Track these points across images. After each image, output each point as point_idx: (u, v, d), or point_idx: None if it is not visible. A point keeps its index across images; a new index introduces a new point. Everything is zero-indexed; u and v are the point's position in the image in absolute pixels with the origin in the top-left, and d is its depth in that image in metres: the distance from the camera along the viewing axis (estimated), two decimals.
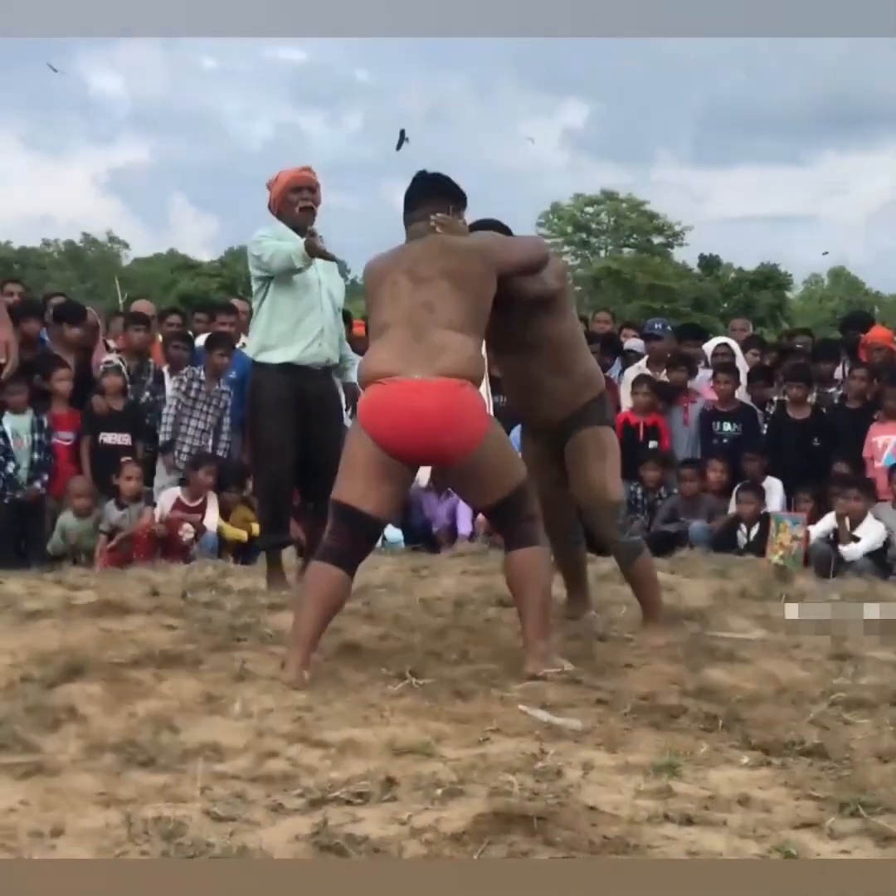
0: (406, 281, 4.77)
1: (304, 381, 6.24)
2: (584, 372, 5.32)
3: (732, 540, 8.55)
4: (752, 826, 3.36)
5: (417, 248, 4.87)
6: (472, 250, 4.85)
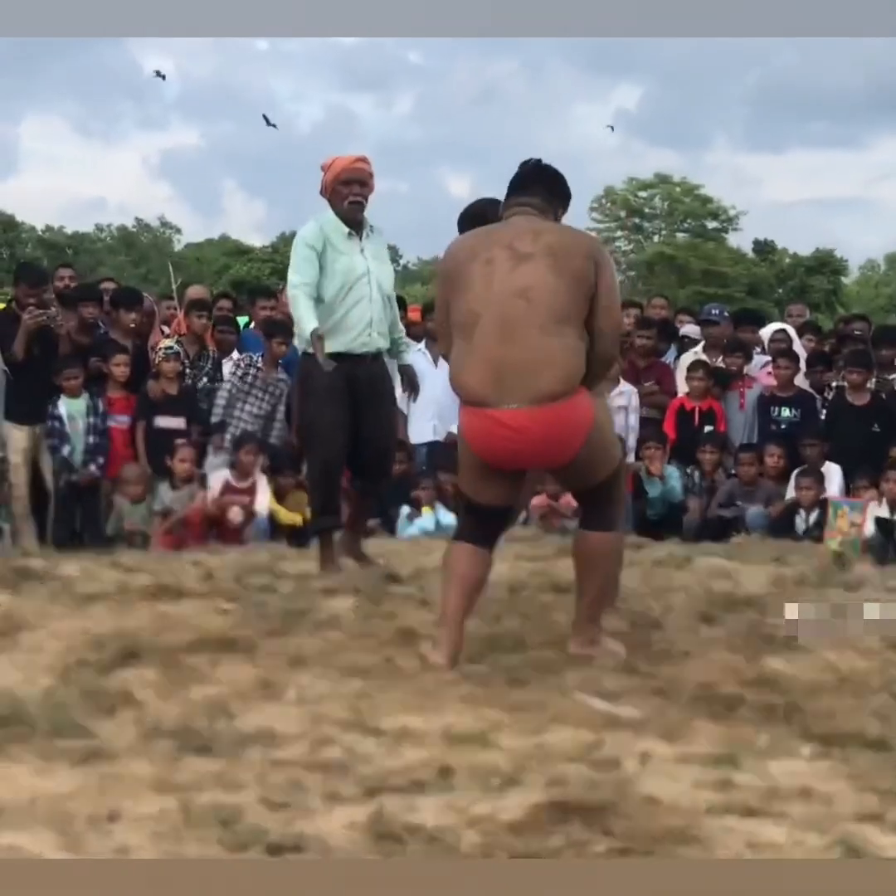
0: (504, 258, 4.45)
1: (355, 369, 6.25)
2: None
3: (790, 526, 8.48)
4: (813, 818, 3.32)
5: (521, 221, 4.59)
6: (581, 242, 4.62)
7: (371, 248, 6.36)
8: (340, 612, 5.26)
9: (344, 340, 6.22)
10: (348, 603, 5.45)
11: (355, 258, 6.27)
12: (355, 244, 6.30)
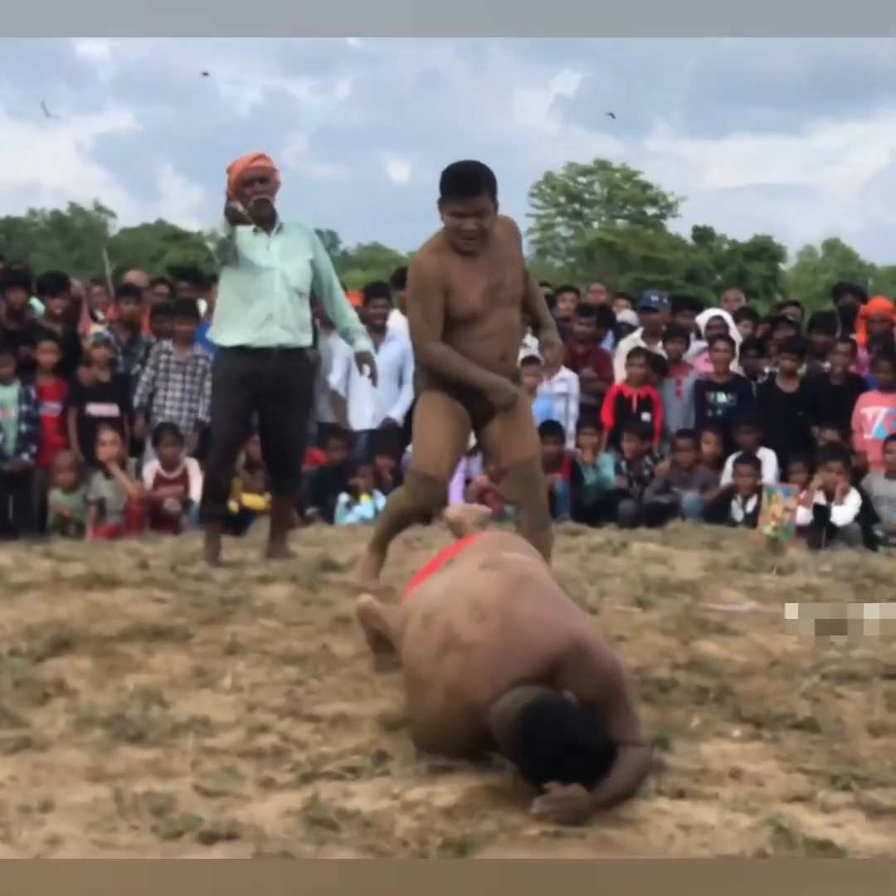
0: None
1: (260, 364, 6.23)
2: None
3: (725, 511, 8.54)
4: (743, 799, 3.36)
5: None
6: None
7: (280, 243, 6.33)
8: (276, 600, 5.25)
9: (243, 334, 6.24)
10: (284, 591, 5.45)
11: (259, 254, 6.26)
12: (262, 240, 6.29)
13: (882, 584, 5.90)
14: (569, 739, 3.23)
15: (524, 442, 5.26)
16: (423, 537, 6.69)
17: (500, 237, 5.12)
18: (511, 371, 5.25)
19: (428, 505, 5.34)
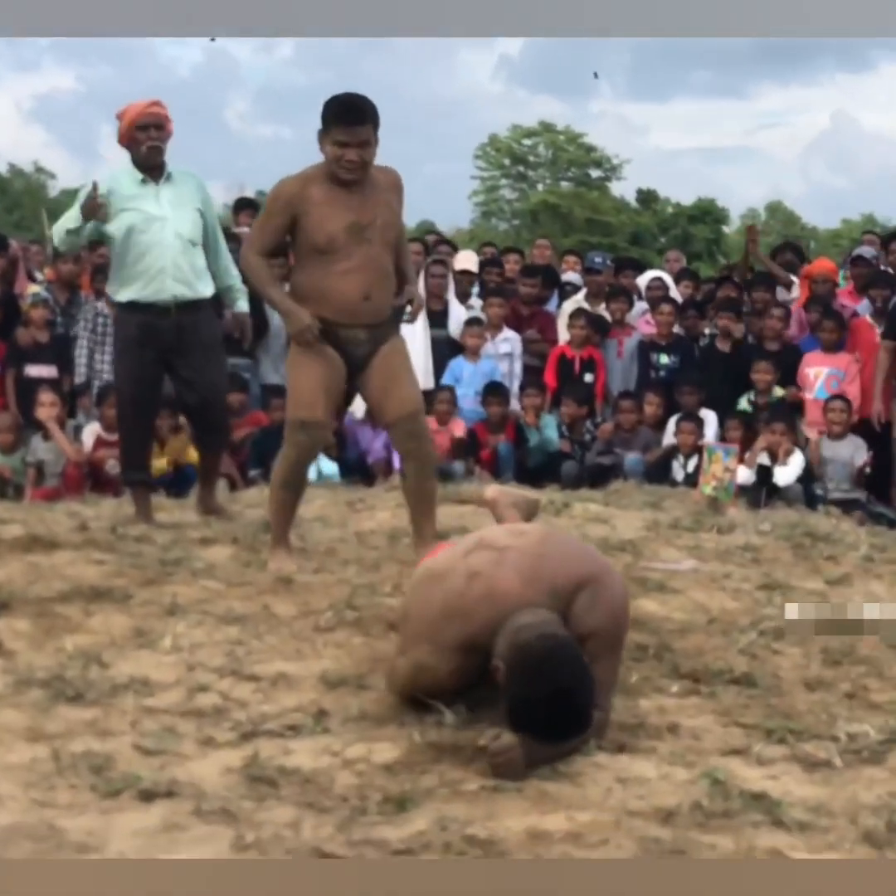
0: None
1: (157, 319, 6.10)
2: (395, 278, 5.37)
3: (667, 472, 8.60)
4: (680, 753, 3.42)
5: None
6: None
7: (170, 193, 6.19)
8: (217, 561, 5.24)
9: (136, 288, 6.10)
10: (225, 552, 5.43)
11: (148, 204, 6.12)
12: (150, 190, 6.15)
13: (820, 542, 5.96)
14: (568, 687, 3.27)
15: (406, 396, 5.28)
16: (366, 499, 6.70)
17: (380, 182, 5.17)
18: (378, 314, 5.22)
19: (311, 452, 5.33)
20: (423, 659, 3.57)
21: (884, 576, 5.44)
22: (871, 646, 4.36)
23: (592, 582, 3.55)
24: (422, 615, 3.65)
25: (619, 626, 3.63)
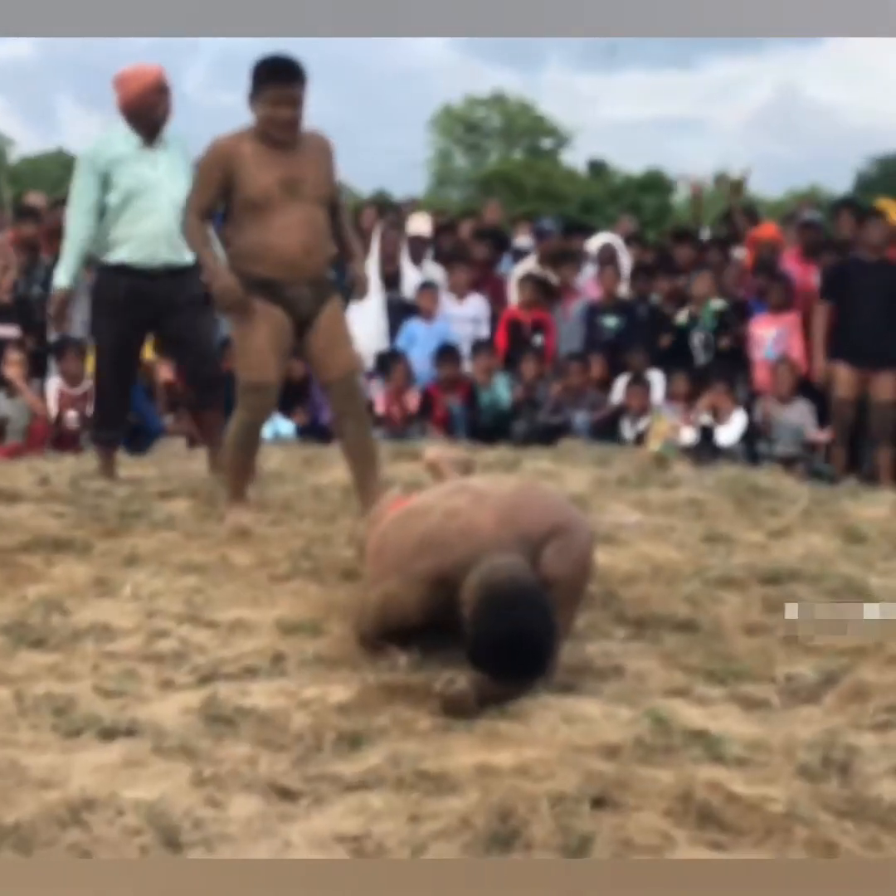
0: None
1: (146, 283, 6.15)
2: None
3: (615, 431, 8.72)
4: (624, 694, 3.53)
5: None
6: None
7: (166, 159, 6.22)
8: (176, 514, 5.31)
9: (127, 251, 6.13)
10: (184, 505, 5.50)
11: (146, 169, 6.15)
12: (147, 154, 6.17)
13: (762, 497, 6.11)
14: (533, 629, 3.37)
15: (343, 356, 5.35)
16: (322, 455, 6.78)
17: (310, 143, 5.23)
18: (320, 269, 5.28)
19: (264, 413, 5.36)
20: (394, 589, 3.66)
21: (822, 527, 5.58)
22: (810, 593, 4.49)
23: (563, 531, 3.66)
24: (397, 548, 3.75)
25: (584, 577, 3.74)
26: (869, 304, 8.62)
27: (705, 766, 3.06)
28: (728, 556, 4.95)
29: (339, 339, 5.35)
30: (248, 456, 5.42)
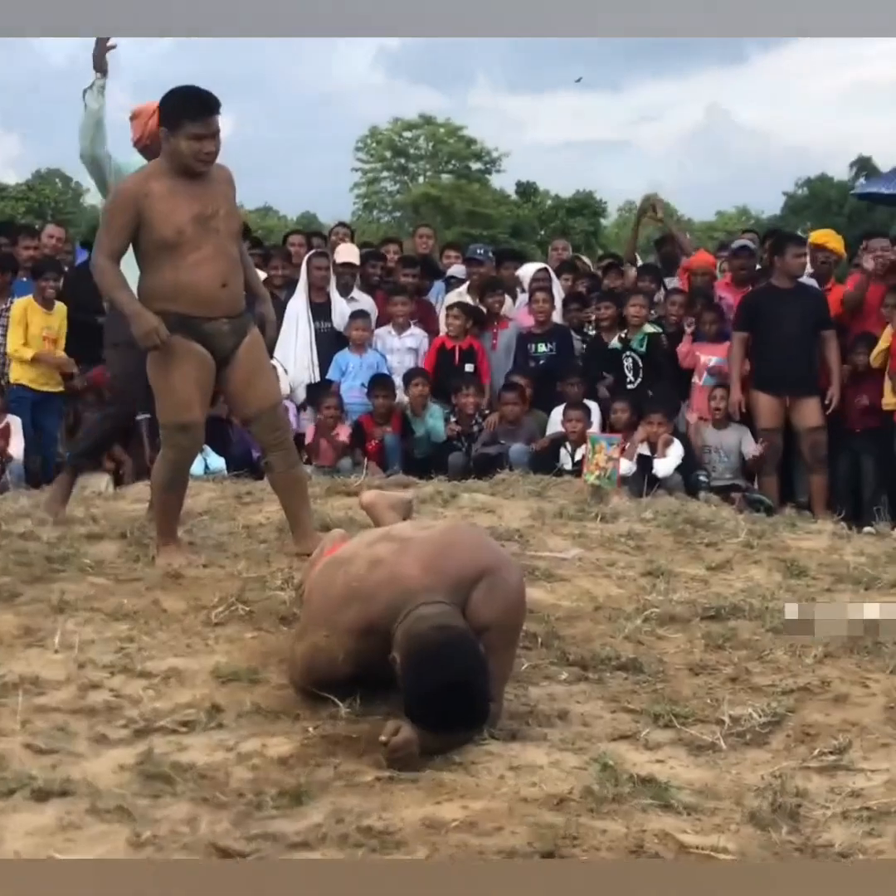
0: None
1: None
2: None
3: (553, 461, 8.68)
4: (571, 739, 3.49)
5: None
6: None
7: None
8: (105, 557, 5.19)
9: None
10: (113, 547, 5.39)
11: None
12: None
13: (700, 529, 6.10)
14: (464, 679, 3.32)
15: (264, 389, 5.32)
16: (254, 492, 6.68)
17: (217, 176, 5.17)
18: (237, 302, 5.22)
19: (191, 453, 5.29)
20: (321, 643, 3.59)
21: (762, 561, 5.58)
22: (752, 630, 4.48)
23: (490, 574, 3.60)
24: (322, 599, 3.68)
25: (515, 620, 3.70)
26: (785, 332, 8.69)
27: (655, 814, 3.03)
28: (669, 592, 4.93)
29: (259, 372, 5.30)
30: (176, 496, 5.33)
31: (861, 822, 3.02)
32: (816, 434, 8.70)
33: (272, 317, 5.51)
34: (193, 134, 4.98)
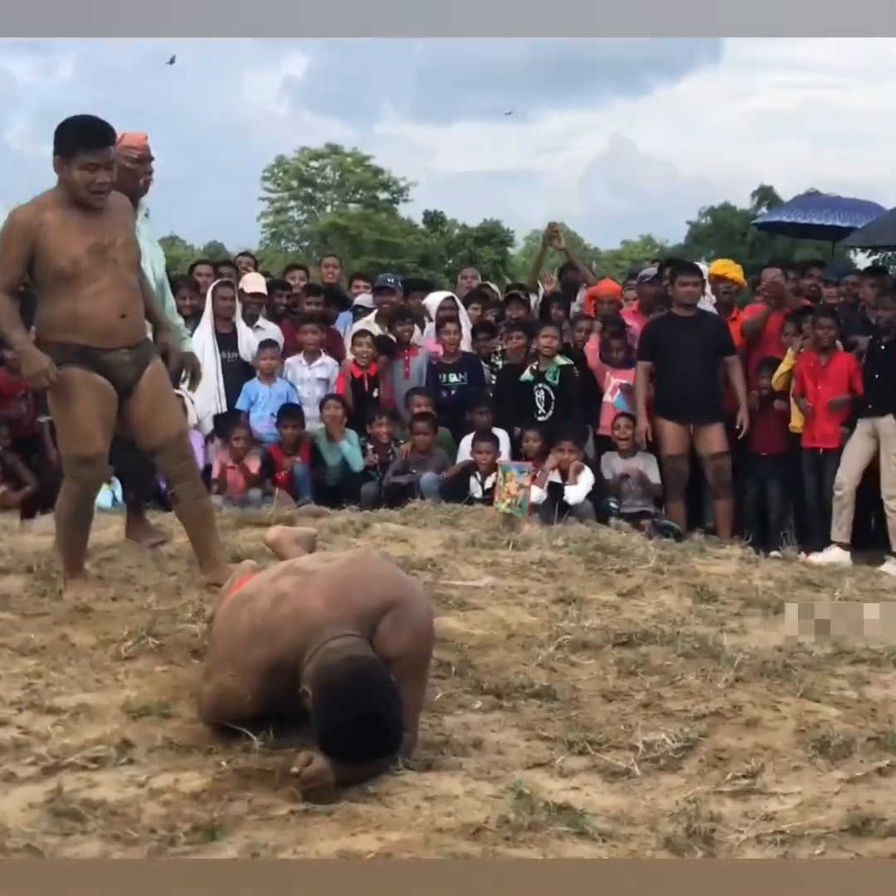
0: None
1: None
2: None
3: (464, 490, 8.70)
4: (486, 768, 3.49)
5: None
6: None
7: (146, 229, 6.08)
8: (11, 591, 5.10)
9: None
10: (19, 582, 5.29)
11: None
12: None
13: (611, 555, 6.13)
14: (376, 709, 3.29)
15: (172, 418, 5.29)
16: (163, 524, 6.60)
17: (114, 205, 5.11)
18: (137, 332, 5.17)
19: (95, 485, 5.24)
20: (227, 683, 3.55)
21: (672, 587, 5.62)
22: (664, 656, 4.51)
23: (397, 605, 3.60)
24: (228, 638, 3.65)
25: (424, 649, 3.69)
26: (687, 359, 8.83)
27: (571, 842, 3.04)
28: (581, 619, 4.95)
29: (162, 401, 5.24)
30: (81, 529, 5.26)
31: (775, 846, 3.06)
32: (720, 460, 8.84)
33: (176, 346, 5.46)
34: (87, 164, 4.91)
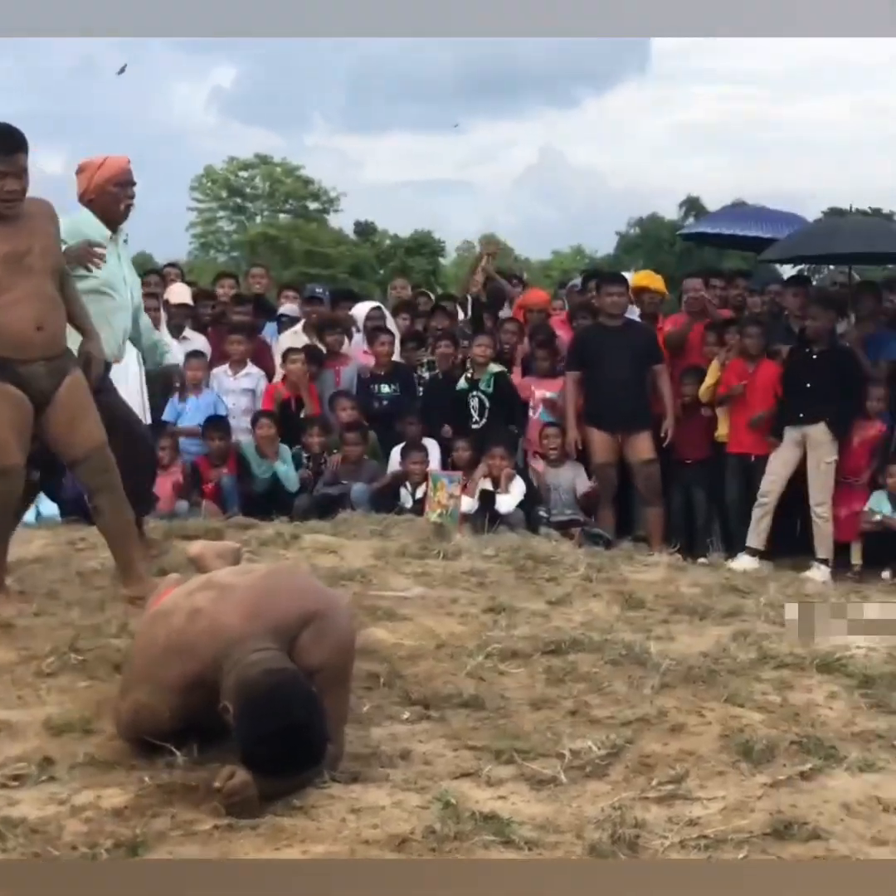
0: None
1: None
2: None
3: (395, 500, 8.70)
4: (413, 779, 3.47)
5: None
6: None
7: (126, 254, 6.08)
8: None
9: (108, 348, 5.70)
10: None
11: (112, 263, 5.86)
12: (113, 249, 5.88)
13: (541, 564, 6.14)
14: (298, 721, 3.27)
15: (92, 429, 5.20)
16: (88, 538, 6.53)
17: (32, 211, 5.04)
18: (54, 344, 5.09)
19: (11, 498, 5.12)
20: (144, 700, 3.52)
21: (601, 594, 5.64)
22: (592, 663, 4.52)
23: (317, 617, 3.58)
24: (144, 655, 3.61)
25: (346, 660, 3.67)
26: (614, 368, 8.89)
27: (497, 851, 3.03)
28: (511, 628, 4.95)
29: (81, 413, 5.17)
30: (1, 543, 5.18)
31: (699, 851, 3.07)
32: (649, 467, 8.90)
33: (98, 354, 5.35)
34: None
